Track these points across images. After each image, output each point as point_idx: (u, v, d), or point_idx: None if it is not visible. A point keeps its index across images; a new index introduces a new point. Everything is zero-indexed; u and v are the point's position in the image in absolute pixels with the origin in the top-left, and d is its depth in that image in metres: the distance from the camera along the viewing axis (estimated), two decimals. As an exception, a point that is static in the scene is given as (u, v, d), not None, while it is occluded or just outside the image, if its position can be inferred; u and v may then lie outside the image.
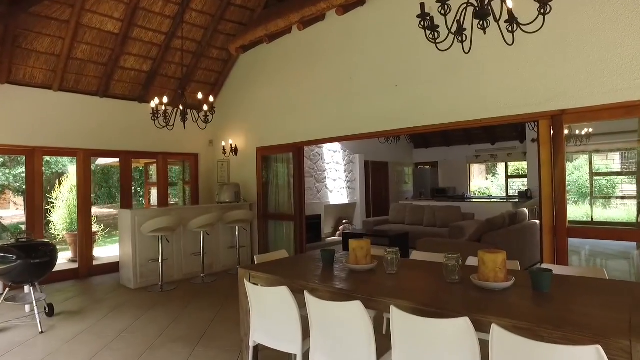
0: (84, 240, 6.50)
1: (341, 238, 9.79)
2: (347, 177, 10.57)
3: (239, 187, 7.08)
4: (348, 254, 2.98)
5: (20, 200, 13.03)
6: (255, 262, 3.38)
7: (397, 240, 7.51)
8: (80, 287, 5.89)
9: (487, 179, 16.49)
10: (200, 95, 5.02)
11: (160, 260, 5.66)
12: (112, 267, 6.46)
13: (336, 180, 10.18)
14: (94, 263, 6.78)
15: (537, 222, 7.01)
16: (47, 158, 9.04)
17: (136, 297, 5.32)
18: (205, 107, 5.27)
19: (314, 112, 6.24)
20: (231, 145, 7.54)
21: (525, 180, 13.34)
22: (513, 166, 13.61)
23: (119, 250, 6.07)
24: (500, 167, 15.60)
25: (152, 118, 4.85)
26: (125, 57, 6.48)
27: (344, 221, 10.45)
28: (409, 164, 13.67)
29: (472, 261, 3.10)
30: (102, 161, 11.85)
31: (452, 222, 8.40)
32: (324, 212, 9.76)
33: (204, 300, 5.11)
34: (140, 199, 12.70)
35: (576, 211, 9.30)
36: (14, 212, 12.91)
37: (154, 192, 8.70)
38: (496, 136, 11.72)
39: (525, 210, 6.73)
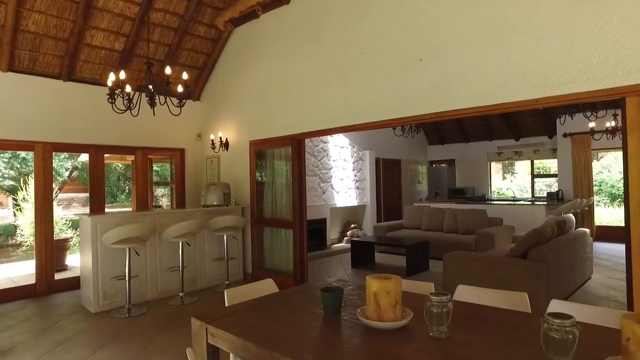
0: (44, 250, 5.45)
1: (349, 245, 8.69)
2: (355, 176, 9.46)
3: (228, 188, 6.00)
4: (365, 296, 1.88)
5: None
6: (226, 302, 2.30)
7: (416, 250, 6.39)
8: (31, 309, 4.84)
9: (504, 178, 15.28)
10: (168, 70, 3.93)
11: (127, 278, 4.60)
12: (78, 283, 5.40)
13: (343, 179, 9.07)
14: (65, 276, 5.76)
15: (587, 230, 5.87)
16: (8, 154, 8.04)
17: (95, 324, 4.26)
18: (180, 89, 4.19)
19: (317, 97, 5.14)
20: (221, 138, 6.46)
21: (551, 179, 12.16)
22: (535, 165, 12.40)
23: (80, 264, 5.02)
24: (519, 165, 14.41)
25: (109, 100, 3.78)
26: (91, 32, 5.41)
27: (352, 225, 9.35)
28: (423, 161, 12.52)
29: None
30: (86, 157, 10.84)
31: (478, 229, 7.26)
32: (330, 216, 8.66)
33: (177, 330, 4.04)
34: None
35: None
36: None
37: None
38: (521, 131, 10.54)
39: (572, 216, 5.58)
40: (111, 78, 3.75)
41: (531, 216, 8.06)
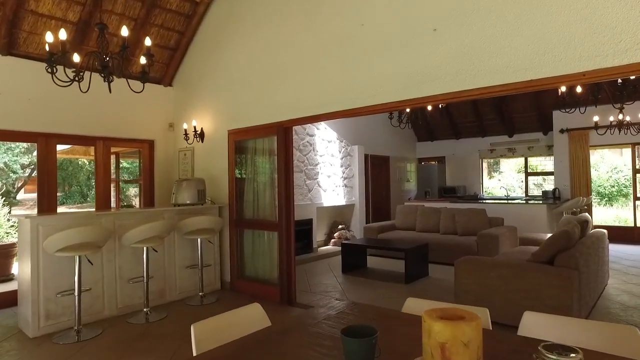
0: (-21, 258, 4.54)
1: (338, 248, 8.00)
2: (344, 172, 8.77)
3: (203, 185, 5.20)
4: (423, 348, 1.17)
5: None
6: (194, 347, 1.54)
7: (416, 254, 5.74)
8: (-43, 331, 3.93)
9: (491, 177, 14.88)
10: (125, 31, 3.12)
11: (76, 292, 3.75)
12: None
13: (331, 176, 8.37)
14: (8, 288, 4.84)
15: (604, 231, 5.33)
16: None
17: (30, 354, 3.41)
18: (143, 60, 3.38)
19: (309, 78, 4.41)
20: (195, 128, 5.65)
21: (539, 178, 11.78)
22: (523, 163, 11.97)
23: (17, 276, 4.13)
24: (505, 164, 14.02)
25: (48, 69, 2.95)
26: (37, -3, 4.54)
27: (340, 226, 8.65)
28: (411, 159, 11.94)
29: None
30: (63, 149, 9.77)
31: (478, 230, 6.68)
32: (316, 216, 7.94)
33: (141, 356, 3.24)
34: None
35: None
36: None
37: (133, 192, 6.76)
38: (515, 126, 10.06)
39: (588, 215, 5.02)
40: (49, 38, 2.92)
41: (532, 216, 7.54)
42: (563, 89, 5.17)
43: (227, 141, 5.35)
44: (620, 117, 6.75)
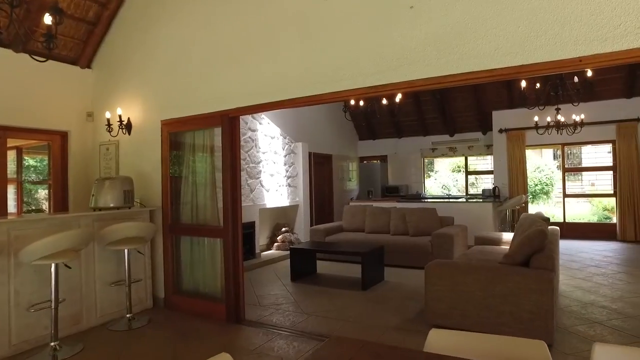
0: None
1: (283, 253, 7.42)
2: (287, 171, 8.21)
3: (131, 184, 4.37)
4: None
5: None
6: None
7: (372, 258, 5.36)
8: None
9: (428, 176, 15.20)
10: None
11: (-47, 329, 2.80)
12: None
13: (274, 175, 7.77)
14: None
15: (557, 228, 5.34)
16: None
17: None
18: (49, 20, 2.57)
19: (260, 57, 3.81)
20: (121, 118, 4.77)
21: (471, 177, 12.14)
22: (460, 162, 12.27)
23: None
24: (439, 163, 14.35)
25: None
26: None
27: (284, 229, 8.08)
28: (353, 158, 11.70)
29: None
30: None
31: (431, 230, 6.49)
32: (259, 218, 7.30)
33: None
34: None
35: None
36: None
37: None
38: (456, 126, 10.20)
39: (542, 212, 4.98)
40: None
41: (480, 214, 7.57)
42: (523, 84, 5.09)
43: (160, 133, 4.55)
44: (560, 117, 6.97)
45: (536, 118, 7.21)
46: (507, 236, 5.41)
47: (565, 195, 8.92)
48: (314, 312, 4.32)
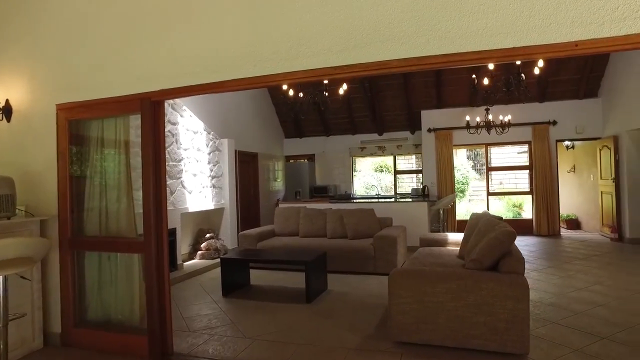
0: None
1: (208, 262, 6.59)
2: (212, 170, 7.36)
3: (11, 187, 3.30)
4: None
5: None
6: None
7: (317, 266, 4.83)
8: None
9: (355, 176, 15.19)
10: None
11: None
12: None
13: (197, 175, 6.88)
14: None
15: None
16: None
17: None
18: None
19: (194, 26, 3.08)
20: (-4, 99, 3.64)
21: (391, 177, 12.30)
22: (382, 161, 12.33)
23: None
24: (360, 162, 14.40)
25: None
26: None
27: (208, 235, 7.22)
28: (279, 156, 11.10)
29: None
30: None
31: (371, 232, 6.18)
32: (181, 224, 6.38)
33: None
34: None
35: None
36: None
37: None
38: (385, 125, 10.14)
39: (488, 211, 4.91)
40: None
41: (415, 213, 7.47)
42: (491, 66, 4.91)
43: (54, 121, 3.53)
44: (490, 117, 7.13)
45: (468, 117, 7.32)
46: (453, 237, 5.27)
47: (489, 194, 9.30)
48: (257, 335, 3.66)
